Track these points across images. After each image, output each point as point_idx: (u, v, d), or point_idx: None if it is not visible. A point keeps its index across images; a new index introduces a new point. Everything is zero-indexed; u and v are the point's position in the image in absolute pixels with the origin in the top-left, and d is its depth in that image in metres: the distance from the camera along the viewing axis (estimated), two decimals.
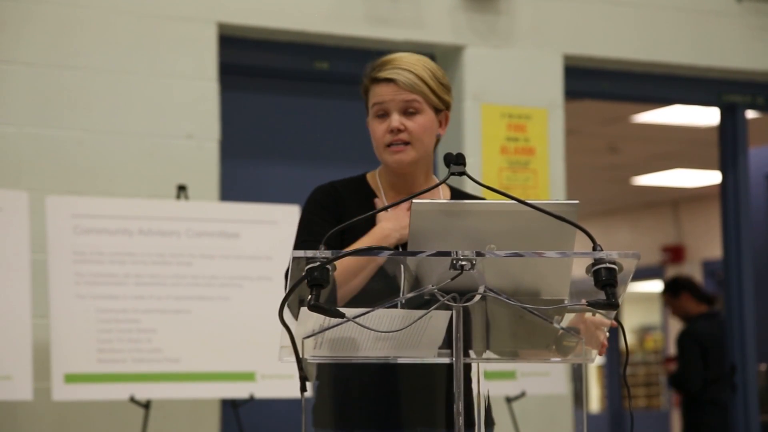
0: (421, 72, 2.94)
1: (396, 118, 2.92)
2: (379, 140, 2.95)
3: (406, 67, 2.94)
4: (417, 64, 2.95)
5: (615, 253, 2.36)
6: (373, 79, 2.96)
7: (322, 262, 2.30)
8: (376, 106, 2.95)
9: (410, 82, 2.92)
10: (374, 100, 2.96)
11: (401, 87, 2.92)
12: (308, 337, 2.42)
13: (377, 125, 2.96)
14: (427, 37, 5.75)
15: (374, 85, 2.96)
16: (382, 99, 2.94)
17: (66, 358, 4.56)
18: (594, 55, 6.10)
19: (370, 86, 2.98)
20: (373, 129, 2.97)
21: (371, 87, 2.97)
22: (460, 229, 2.42)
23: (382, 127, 2.94)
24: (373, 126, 2.97)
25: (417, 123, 2.93)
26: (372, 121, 2.98)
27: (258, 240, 4.90)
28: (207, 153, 5.27)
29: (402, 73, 2.93)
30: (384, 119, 2.95)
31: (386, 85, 2.94)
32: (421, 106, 2.94)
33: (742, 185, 6.63)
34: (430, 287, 2.38)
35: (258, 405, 4.98)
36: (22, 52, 5.06)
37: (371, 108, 2.97)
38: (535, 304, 2.43)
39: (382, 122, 2.95)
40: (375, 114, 2.96)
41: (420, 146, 2.94)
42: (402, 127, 2.92)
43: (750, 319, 6.56)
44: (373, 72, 2.97)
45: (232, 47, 5.49)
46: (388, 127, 2.93)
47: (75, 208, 4.70)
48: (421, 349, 2.48)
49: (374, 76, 2.96)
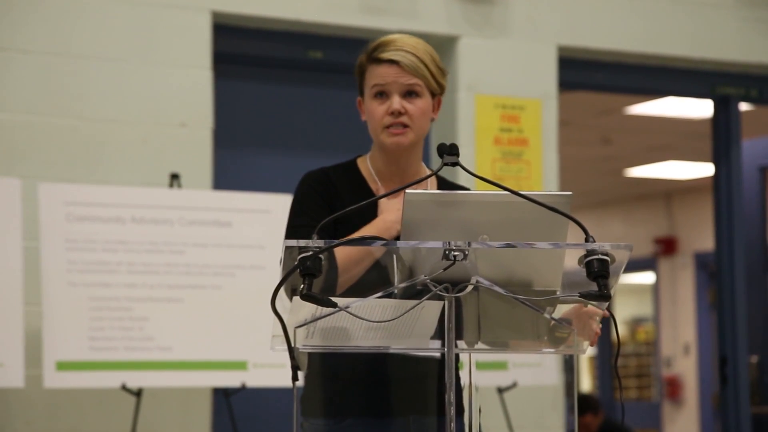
0: (422, 55, 2.93)
1: (397, 101, 2.91)
2: (377, 121, 2.94)
3: (408, 49, 2.93)
4: (418, 47, 2.94)
5: (607, 244, 2.36)
6: (375, 60, 2.94)
7: (314, 252, 2.30)
8: (376, 86, 2.94)
9: (413, 65, 2.92)
10: (374, 81, 2.94)
11: (404, 69, 2.92)
12: (300, 327, 2.42)
13: (376, 106, 2.94)
14: (422, 27, 5.74)
15: (374, 66, 2.94)
16: (384, 80, 2.93)
17: (58, 346, 4.56)
18: (588, 46, 6.10)
19: (368, 66, 2.96)
20: (371, 109, 2.95)
21: (370, 67, 2.95)
22: (453, 220, 2.42)
23: (382, 109, 2.93)
24: (371, 106, 2.95)
25: (417, 106, 2.93)
26: (370, 101, 2.96)
27: (250, 229, 4.89)
28: (200, 141, 5.26)
29: (405, 55, 2.92)
30: (383, 100, 2.94)
31: (388, 67, 2.93)
32: (422, 89, 2.94)
33: (735, 177, 6.64)
34: (423, 277, 2.38)
35: (250, 394, 4.98)
36: (16, 40, 5.05)
37: (370, 88, 2.95)
38: (528, 295, 2.43)
39: (382, 103, 2.93)
40: (374, 94, 2.95)
41: (418, 129, 2.94)
42: (403, 110, 2.92)
43: (741, 311, 6.57)
44: (375, 52, 2.95)
45: (226, 36, 5.49)
46: (388, 109, 2.92)
47: (68, 195, 4.70)
48: (413, 338, 2.48)
49: (376, 57, 2.94)
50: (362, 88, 2.99)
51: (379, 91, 2.93)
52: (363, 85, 2.98)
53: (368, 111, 2.96)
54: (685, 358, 13.71)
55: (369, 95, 2.95)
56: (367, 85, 2.96)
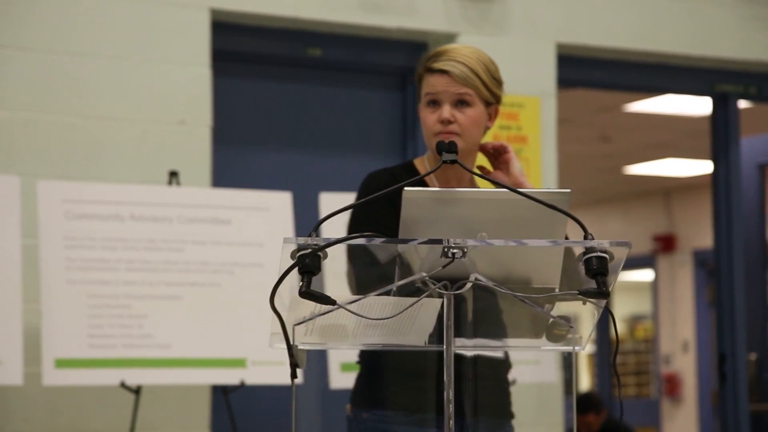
0: (475, 65, 3.06)
1: (447, 110, 3.04)
2: (429, 128, 3.07)
3: (461, 59, 3.05)
4: (471, 57, 3.07)
5: (606, 242, 2.36)
6: (428, 69, 3.07)
7: (313, 249, 2.30)
8: (428, 95, 3.07)
9: (464, 75, 3.04)
10: (427, 90, 3.07)
11: (455, 79, 3.04)
12: (299, 324, 2.42)
13: (428, 114, 3.07)
14: (420, 25, 5.75)
15: (428, 75, 3.08)
16: (435, 89, 3.06)
17: (56, 343, 4.55)
18: (587, 43, 6.10)
19: (423, 75, 3.09)
20: (424, 117, 3.09)
21: (425, 76, 3.08)
22: (451, 217, 2.42)
23: (433, 117, 3.06)
24: (424, 114, 3.09)
25: (467, 115, 3.05)
26: (423, 109, 3.09)
27: (250, 226, 4.89)
28: (199, 139, 5.26)
29: (456, 65, 3.04)
30: (435, 108, 3.06)
31: (440, 76, 3.06)
32: (473, 99, 3.05)
33: (734, 175, 6.64)
34: (422, 275, 2.39)
35: (249, 391, 4.98)
36: (15, 37, 5.05)
37: (423, 96, 3.08)
38: (526, 292, 2.43)
39: (433, 111, 3.06)
40: (426, 102, 3.08)
41: (468, 138, 3.06)
42: (452, 119, 3.04)
43: (740, 309, 6.57)
44: (429, 62, 3.08)
45: (225, 33, 5.49)
46: (439, 117, 3.05)
47: (67, 193, 4.70)
48: (411, 336, 2.49)
49: (429, 66, 3.07)
50: (418, 95, 3.13)
51: (432, 99, 3.07)
52: (419, 93, 3.13)
53: (421, 118, 3.10)
54: (684, 356, 13.72)
55: (422, 103, 3.10)
56: (423, 93, 3.10)
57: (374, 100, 5.92)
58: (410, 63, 5.92)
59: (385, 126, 5.92)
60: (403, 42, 5.88)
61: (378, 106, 5.92)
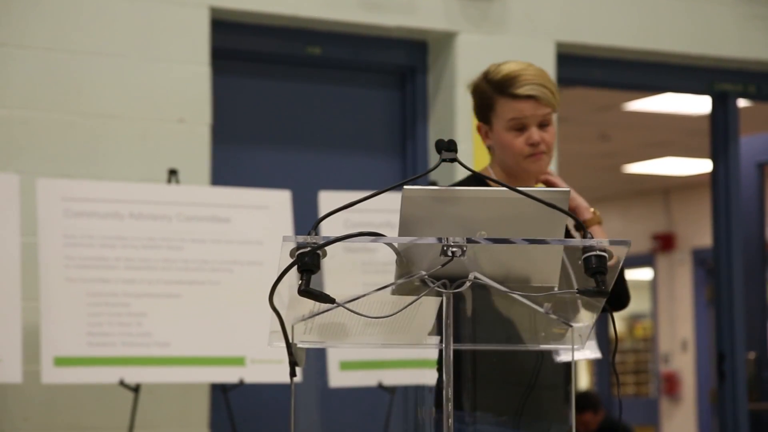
0: (550, 85, 3.18)
1: (536, 133, 3.16)
2: (518, 152, 3.17)
3: (541, 82, 3.16)
4: (545, 77, 3.18)
5: (605, 240, 2.36)
6: (511, 95, 3.15)
7: (312, 248, 2.30)
8: (514, 120, 3.16)
9: (547, 98, 3.16)
10: (512, 115, 3.16)
11: (541, 103, 3.15)
12: (298, 322, 2.42)
13: (514, 138, 3.17)
14: (420, 23, 5.75)
15: (509, 100, 3.16)
16: (522, 114, 3.16)
17: (56, 341, 4.55)
18: (586, 42, 6.10)
19: (499, 99, 3.17)
20: (508, 141, 3.17)
21: (503, 100, 3.17)
22: (450, 216, 2.42)
23: (521, 140, 3.17)
24: (507, 138, 3.18)
25: (550, 133, 3.19)
26: (506, 133, 3.18)
27: (249, 225, 4.89)
28: (198, 137, 5.26)
29: (541, 89, 3.15)
30: (521, 132, 3.17)
31: (526, 102, 3.15)
32: (551, 117, 3.19)
33: (733, 174, 6.64)
34: (421, 273, 2.39)
35: (248, 390, 4.98)
36: (14, 35, 5.05)
37: (507, 121, 3.17)
38: (525, 290, 2.43)
39: (519, 135, 3.17)
40: (512, 128, 3.17)
41: (551, 153, 3.21)
42: (540, 140, 3.16)
43: (739, 308, 6.57)
44: (509, 88, 3.16)
45: (224, 31, 5.48)
46: (528, 140, 3.16)
47: (66, 191, 4.70)
48: (410, 334, 2.49)
49: (513, 93, 3.15)
50: (487, 117, 3.21)
51: (518, 124, 3.17)
52: (490, 115, 3.20)
53: (504, 142, 3.18)
54: (683, 355, 13.72)
55: (504, 127, 3.18)
56: (500, 117, 3.18)
57: (374, 99, 5.92)
58: (410, 61, 5.92)
59: (384, 124, 5.92)
60: (403, 40, 5.88)
61: (377, 104, 5.92)
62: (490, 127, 3.21)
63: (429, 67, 5.94)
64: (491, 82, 3.18)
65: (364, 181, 5.64)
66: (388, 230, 2.69)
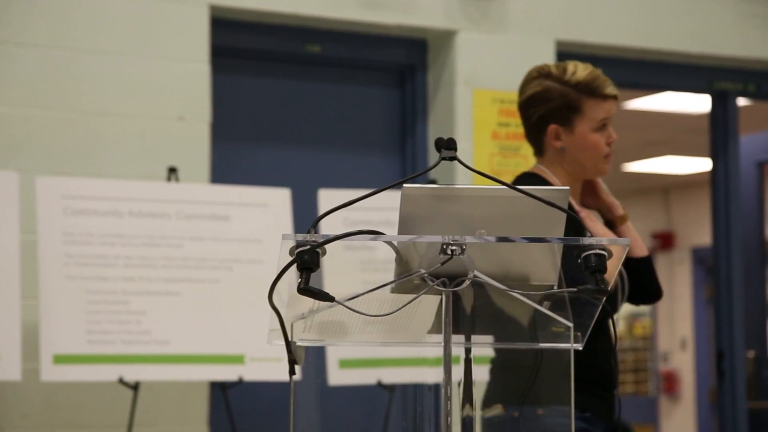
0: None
1: (612, 131, 3.27)
2: (601, 151, 3.27)
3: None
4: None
5: (605, 239, 2.36)
6: (600, 95, 3.24)
7: (311, 246, 2.30)
8: (603, 120, 3.26)
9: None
10: (603, 115, 3.26)
11: (617, 102, 3.29)
12: (297, 320, 2.42)
13: (599, 137, 3.26)
14: (420, 22, 5.74)
15: (599, 100, 3.25)
16: (609, 114, 3.27)
17: (55, 339, 4.55)
18: (586, 41, 6.10)
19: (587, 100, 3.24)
20: (595, 141, 3.26)
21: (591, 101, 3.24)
22: (450, 214, 2.42)
23: (603, 140, 3.27)
24: (594, 138, 3.26)
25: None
26: (592, 133, 3.25)
27: (248, 223, 4.89)
28: (198, 135, 5.26)
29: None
30: (603, 132, 3.26)
31: (612, 102, 3.28)
32: None
33: (733, 173, 6.64)
34: (420, 272, 2.39)
35: (247, 388, 4.98)
36: (14, 33, 5.05)
37: (597, 121, 3.25)
38: (524, 289, 2.43)
39: (602, 135, 3.27)
40: (598, 127, 3.25)
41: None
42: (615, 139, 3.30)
43: (738, 307, 6.57)
44: (598, 88, 3.24)
45: (224, 29, 5.48)
46: (607, 140, 3.27)
47: (65, 189, 4.70)
48: (409, 333, 2.49)
49: (602, 93, 3.24)
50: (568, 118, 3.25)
51: (602, 124, 3.26)
52: (573, 117, 3.25)
53: (590, 142, 3.25)
54: (682, 353, 13.72)
55: (592, 128, 3.25)
56: (588, 118, 3.25)
57: (373, 97, 5.92)
58: (409, 60, 5.92)
59: (383, 123, 5.92)
60: (402, 39, 5.88)
61: (377, 102, 5.92)
62: (571, 129, 3.25)
63: (429, 65, 5.94)
64: (573, 83, 3.24)
65: (363, 180, 5.64)
66: (387, 228, 2.70)
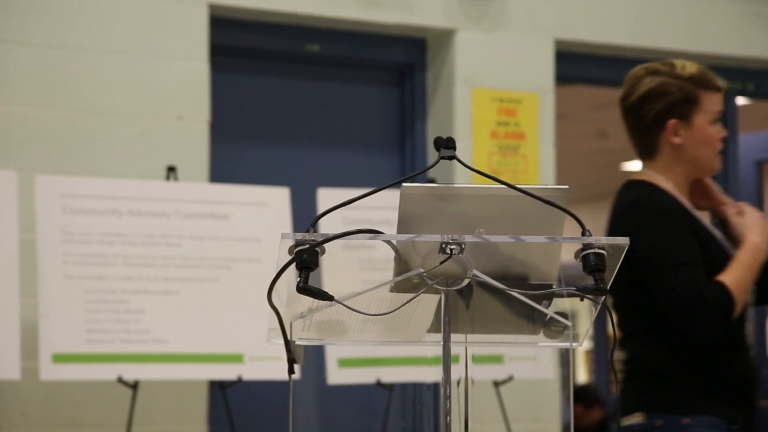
0: None
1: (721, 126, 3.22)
2: (717, 146, 3.20)
3: None
4: None
5: (604, 238, 2.36)
6: (715, 88, 3.19)
7: (311, 245, 2.30)
8: (719, 112, 3.19)
9: None
10: (719, 107, 3.19)
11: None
12: (297, 319, 2.42)
13: (716, 132, 3.20)
14: (419, 21, 5.74)
15: (714, 93, 3.19)
16: (722, 107, 3.21)
17: (54, 338, 4.55)
18: (585, 40, 6.10)
19: (704, 92, 3.18)
20: (712, 135, 3.19)
21: (708, 93, 3.18)
22: (449, 213, 2.42)
23: (719, 135, 3.20)
24: (712, 132, 3.19)
25: None
26: (710, 126, 3.19)
27: (247, 222, 4.89)
28: (197, 134, 5.26)
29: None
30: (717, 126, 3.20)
31: (721, 94, 3.21)
32: None
33: (732, 172, 6.64)
34: (419, 271, 2.39)
35: (246, 387, 4.98)
36: (13, 32, 5.04)
37: (714, 114, 3.18)
38: (524, 288, 2.43)
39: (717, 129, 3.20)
40: (714, 120, 3.19)
41: None
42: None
43: None
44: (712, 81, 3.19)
45: (223, 28, 5.48)
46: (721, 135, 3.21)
47: (64, 187, 4.70)
48: (408, 332, 2.49)
49: (717, 86, 3.19)
50: (686, 113, 3.19)
51: (718, 117, 3.19)
52: (692, 110, 3.19)
53: (709, 136, 3.19)
54: None
55: (710, 121, 3.19)
56: (706, 111, 3.18)
57: (372, 96, 5.92)
58: (408, 59, 5.92)
59: (383, 122, 5.92)
60: (402, 38, 5.88)
61: (376, 101, 5.92)
62: (689, 123, 3.20)
63: (428, 64, 5.93)
64: (686, 77, 3.19)
65: (362, 179, 5.64)
66: (386, 227, 2.69)
